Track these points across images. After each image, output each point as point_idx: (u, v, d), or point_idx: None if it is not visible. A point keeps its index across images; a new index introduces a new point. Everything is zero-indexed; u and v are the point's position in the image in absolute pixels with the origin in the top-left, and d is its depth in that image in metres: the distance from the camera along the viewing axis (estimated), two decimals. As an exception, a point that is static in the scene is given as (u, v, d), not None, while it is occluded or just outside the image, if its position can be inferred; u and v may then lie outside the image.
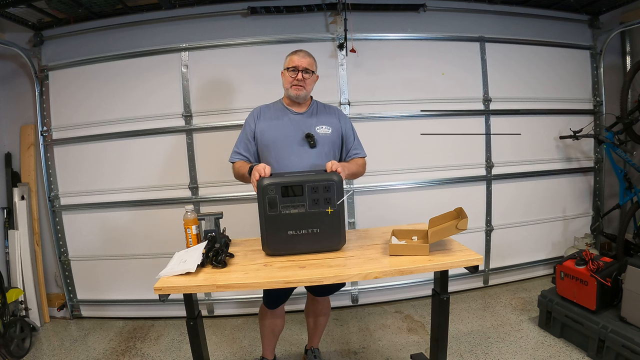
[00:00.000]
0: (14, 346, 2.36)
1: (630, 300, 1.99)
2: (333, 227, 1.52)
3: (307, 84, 1.79)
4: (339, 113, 1.92)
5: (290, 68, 1.77)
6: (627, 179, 2.98)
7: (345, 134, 1.88)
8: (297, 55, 1.79)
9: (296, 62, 1.77)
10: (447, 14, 2.84)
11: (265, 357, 2.08)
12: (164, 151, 2.75)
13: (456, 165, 2.90)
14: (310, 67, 1.79)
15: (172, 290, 1.34)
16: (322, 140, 1.79)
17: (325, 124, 1.82)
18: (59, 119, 2.77)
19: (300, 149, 1.76)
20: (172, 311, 2.76)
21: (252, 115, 1.86)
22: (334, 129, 1.83)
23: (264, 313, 1.96)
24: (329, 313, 2.10)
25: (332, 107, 1.94)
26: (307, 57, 1.79)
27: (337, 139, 1.85)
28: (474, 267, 1.43)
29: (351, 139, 1.90)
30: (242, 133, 1.85)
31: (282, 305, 1.95)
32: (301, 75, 1.76)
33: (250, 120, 1.85)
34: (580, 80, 3.13)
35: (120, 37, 2.69)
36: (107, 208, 2.79)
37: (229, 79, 2.70)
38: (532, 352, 2.19)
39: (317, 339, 2.16)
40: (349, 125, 1.91)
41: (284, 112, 1.84)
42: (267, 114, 1.85)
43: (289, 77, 1.78)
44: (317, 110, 1.87)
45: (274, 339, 2.06)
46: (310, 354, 2.15)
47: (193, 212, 1.65)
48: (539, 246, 3.15)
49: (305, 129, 1.78)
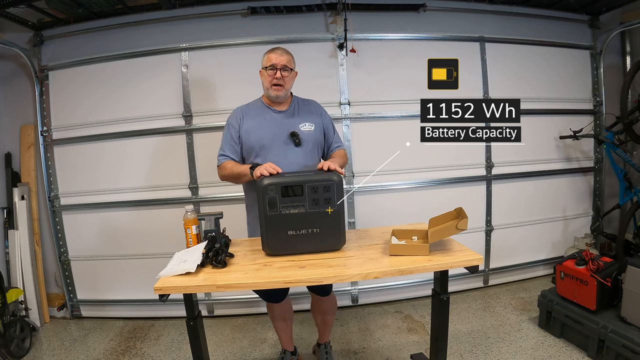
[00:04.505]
0: (14, 346, 2.36)
1: (630, 300, 1.99)
2: (333, 227, 1.52)
3: (287, 82, 1.79)
4: (319, 108, 1.93)
5: (269, 67, 1.77)
6: (627, 179, 2.98)
7: (326, 129, 1.90)
8: (275, 53, 1.78)
9: (274, 60, 1.76)
10: (447, 14, 2.84)
11: (286, 349, 2.10)
12: (164, 151, 2.75)
13: (456, 165, 2.91)
14: (288, 64, 1.78)
15: (172, 290, 1.34)
16: (306, 137, 1.80)
17: (308, 122, 1.83)
18: (59, 119, 2.77)
19: (285, 147, 1.77)
20: (172, 311, 2.76)
21: (234, 116, 1.84)
22: (316, 126, 1.84)
23: (270, 307, 1.99)
24: (335, 310, 2.11)
25: (312, 102, 1.95)
26: (285, 55, 1.78)
27: (320, 135, 1.87)
28: (474, 267, 1.43)
29: (331, 133, 1.92)
30: (227, 135, 1.83)
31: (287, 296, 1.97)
32: (280, 74, 1.75)
33: (234, 122, 1.83)
34: (580, 80, 3.13)
35: (120, 37, 2.69)
36: (108, 208, 2.79)
37: (229, 79, 2.69)
38: (532, 352, 2.19)
39: (326, 334, 2.16)
40: (328, 119, 1.93)
41: (266, 111, 1.83)
42: (250, 114, 1.84)
43: (268, 77, 1.77)
44: (299, 107, 1.88)
45: (288, 329, 2.07)
46: (323, 348, 2.16)
47: (193, 212, 1.65)
48: (539, 246, 3.15)
49: (289, 127, 1.79)
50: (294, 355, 2.13)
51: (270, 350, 2.40)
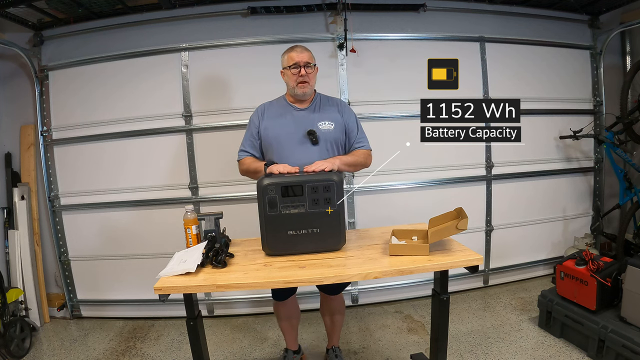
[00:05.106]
0: (14, 346, 2.36)
1: (630, 300, 1.99)
2: (333, 227, 1.52)
3: (311, 79, 1.79)
4: (342, 106, 1.90)
5: (292, 65, 1.76)
6: (627, 179, 2.98)
7: (348, 128, 1.85)
8: (295, 51, 1.78)
9: (296, 58, 1.76)
10: (447, 14, 2.84)
11: (289, 348, 2.09)
12: (164, 151, 2.75)
13: (456, 165, 2.91)
14: (310, 60, 1.79)
15: (172, 290, 1.34)
16: (324, 136, 1.78)
17: (328, 120, 1.81)
18: (59, 119, 2.77)
19: (302, 146, 1.76)
20: (172, 311, 2.76)
21: (256, 112, 1.87)
22: (336, 124, 1.81)
23: (276, 306, 1.99)
24: (344, 310, 2.08)
25: (335, 99, 1.92)
26: (305, 52, 1.79)
27: (341, 135, 1.83)
28: (474, 267, 1.43)
29: (354, 132, 1.87)
30: (248, 131, 1.86)
31: (293, 296, 1.96)
32: (304, 71, 1.76)
33: (255, 118, 1.85)
34: (580, 80, 3.13)
35: (120, 37, 2.69)
36: (107, 208, 2.79)
37: (229, 79, 2.69)
38: (532, 352, 2.19)
39: (336, 337, 2.13)
40: (353, 118, 1.88)
41: (287, 109, 1.83)
42: (271, 111, 1.85)
43: (293, 75, 1.77)
44: (320, 105, 1.86)
45: (293, 329, 2.07)
46: (332, 353, 2.13)
47: (193, 212, 1.65)
48: (539, 246, 3.15)
49: (308, 125, 1.77)
50: (297, 353, 2.12)
51: (271, 350, 2.40)
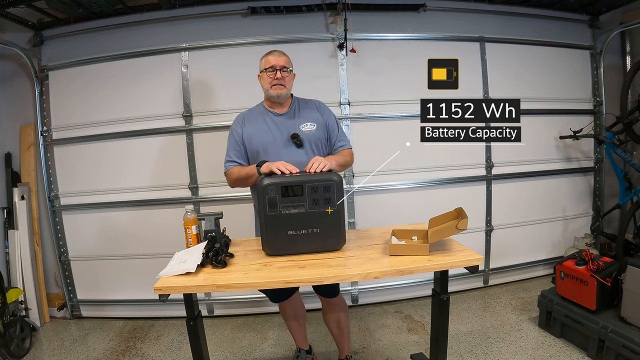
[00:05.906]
0: (14, 346, 2.36)
1: (630, 300, 1.99)
2: (333, 227, 1.52)
3: (287, 82, 1.79)
4: (320, 106, 1.91)
5: (268, 68, 1.77)
6: (627, 179, 2.98)
7: (329, 127, 1.87)
8: (272, 55, 1.79)
9: (272, 61, 1.77)
10: (447, 14, 2.84)
11: (300, 347, 2.09)
12: (164, 151, 2.75)
13: (456, 165, 2.91)
14: (287, 65, 1.79)
15: (172, 290, 1.34)
16: (308, 138, 1.79)
17: (309, 121, 1.82)
18: (59, 119, 2.77)
19: (287, 150, 1.76)
20: (172, 311, 2.76)
21: (237, 122, 1.86)
22: (318, 125, 1.82)
23: (281, 306, 1.99)
24: (347, 308, 2.02)
25: (313, 101, 1.93)
26: (282, 56, 1.80)
27: (323, 134, 1.85)
28: (474, 267, 1.43)
29: (335, 131, 1.88)
30: (231, 140, 1.84)
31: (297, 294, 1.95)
32: (280, 74, 1.76)
33: (237, 127, 1.83)
34: (580, 80, 3.13)
35: (120, 37, 2.69)
36: (107, 208, 2.79)
37: (229, 79, 2.69)
38: (532, 352, 2.19)
39: (346, 344, 2.05)
40: (332, 117, 1.90)
41: (266, 115, 1.83)
42: (251, 118, 1.84)
43: (268, 78, 1.78)
44: (299, 108, 1.86)
45: (301, 328, 2.06)
46: None
47: (193, 212, 1.65)
48: (539, 246, 3.15)
49: (290, 129, 1.78)
50: (309, 353, 2.12)
51: (271, 350, 2.40)
